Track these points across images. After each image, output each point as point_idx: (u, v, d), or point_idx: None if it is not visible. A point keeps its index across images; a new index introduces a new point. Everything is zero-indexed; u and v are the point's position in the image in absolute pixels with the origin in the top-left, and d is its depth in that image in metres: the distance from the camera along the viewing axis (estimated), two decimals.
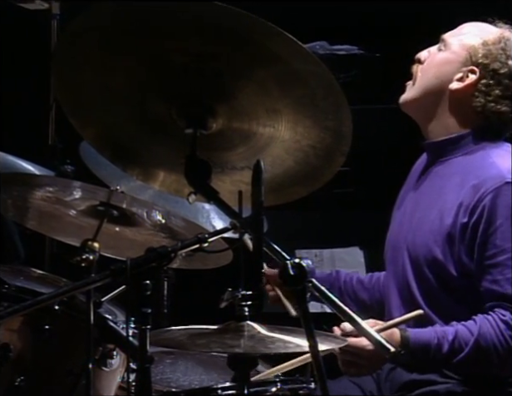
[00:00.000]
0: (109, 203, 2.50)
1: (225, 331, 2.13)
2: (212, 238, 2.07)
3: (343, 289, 2.93)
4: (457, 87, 2.65)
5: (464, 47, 2.66)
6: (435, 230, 2.59)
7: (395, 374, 2.68)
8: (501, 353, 2.49)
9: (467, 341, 2.49)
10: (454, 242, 2.56)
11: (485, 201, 2.53)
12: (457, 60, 2.66)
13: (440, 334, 2.50)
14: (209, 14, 2.01)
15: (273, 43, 2.02)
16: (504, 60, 2.63)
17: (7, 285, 2.76)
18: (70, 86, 2.18)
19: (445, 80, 2.67)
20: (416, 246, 2.64)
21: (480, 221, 2.53)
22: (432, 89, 2.68)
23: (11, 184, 2.63)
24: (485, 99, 2.62)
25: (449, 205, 2.59)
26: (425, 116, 2.71)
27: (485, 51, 2.63)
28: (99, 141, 2.30)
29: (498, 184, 2.53)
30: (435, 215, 2.62)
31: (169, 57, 2.08)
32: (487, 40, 2.65)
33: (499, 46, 2.64)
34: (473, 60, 2.64)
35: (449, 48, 2.69)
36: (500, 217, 2.52)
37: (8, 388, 2.66)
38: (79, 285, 2.02)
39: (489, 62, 2.63)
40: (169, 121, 2.15)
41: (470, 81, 2.64)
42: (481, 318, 2.52)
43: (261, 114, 2.14)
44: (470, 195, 2.55)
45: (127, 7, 2.05)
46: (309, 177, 2.24)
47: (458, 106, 2.66)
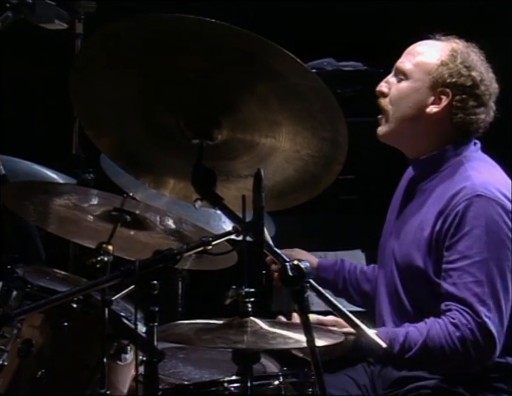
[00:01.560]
0: (122, 209, 2.51)
1: (229, 326, 2.13)
2: (215, 241, 2.07)
3: (347, 278, 2.94)
4: (436, 110, 2.62)
5: (424, 71, 2.62)
6: (417, 240, 2.59)
7: (386, 371, 2.68)
8: (448, 354, 2.47)
9: (416, 342, 2.48)
10: (431, 250, 2.56)
11: (457, 211, 2.52)
12: (423, 86, 2.62)
13: (392, 336, 2.49)
14: (215, 33, 2.01)
15: (274, 60, 2.02)
16: (467, 72, 2.61)
17: (29, 285, 2.78)
18: (85, 101, 2.18)
19: (418, 107, 2.63)
20: (401, 255, 2.65)
21: (450, 227, 2.53)
22: (408, 118, 2.64)
23: (33, 191, 2.64)
24: (464, 113, 2.61)
25: (429, 216, 2.59)
26: (405, 142, 2.69)
27: (448, 70, 2.60)
28: (113, 152, 2.30)
29: (470, 195, 2.52)
30: (417, 225, 2.61)
31: (177, 73, 2.09)
32: (444, 59, 2.61)
33: (457, 61, 2.61)
34: (440, 82, 2.61)
35: (410, 77, 2.64)
36: (468, 225, 2.50)
37: (30, 379, 2.66)
38: (91, 285, 2.04)
39: (455, 80, 2.60)
40: (178, 132, 2.16)
41: (445, 102, 2.61)
42: (432, 320, 2.51)
43: (263, 126, 2.14)
44: (446, 204, 2.55)
45: (138, 27, 2.06)
46: (308, 184, 2.23)
47: (437, 126, 2.64)
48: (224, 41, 2.01)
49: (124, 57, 2.09)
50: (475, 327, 2.47)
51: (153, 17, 2.03)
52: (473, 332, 2.46)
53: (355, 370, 2.74)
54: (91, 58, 2.11)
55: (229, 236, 2.11)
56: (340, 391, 2.66)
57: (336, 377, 2.71)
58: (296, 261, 2.00)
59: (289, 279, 2.00)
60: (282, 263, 2.02)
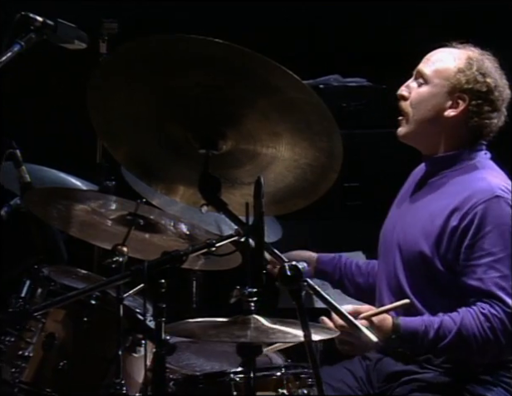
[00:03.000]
0: (136, 213, 2.52)
1: (234, 323, 2.14)
2: (218, 243, 2.08)
3: (343, 271, 2.94)
4: (454, 114, 2.62)
5: (443, 77, 2.63)
6: (426, 230, 2.58)
7: (381, 365, 2.67)
8: (480, 342, 2.47)
9: (450, 329, 2.47)
10: (442, 242, 2.55)
11: (477, 210, 2.52)
12: (442, 91, 2.63)
13: (427, 323, 2.49)
14: (220, 52, 2.02)
15: (273, 76, 2.03)
16: (482, 79, 2.61)
17: (53, 283, 2.80)
18: (102, 115, 2.20)
19: (437, 110, 2.64)
20: (407, 243, 2.63)
21: (470, 226, 2.52)
22: (427, 120, 2.65)
23: (56, 197, 2.66)
24: (479, 117, 2.62)
25: (440, 209, 2.58)
26: (422, 142, 2.69)
27: (465, 77, 2.61)
28: (128, 161, 2.32)
29: (489, 196, 2.53)
30: (427, 217, 2.60)
31: (185, 90, 2.09)
32: (461, 67, 2.63)
33: (473, 69, 2.62)
34: (458, 88, 2.61)
35: (430, 82, 2.65)
36: (489, 225, 2.50)
37: (53, 369, 2.69)
38: (104, 283, 2.05)
39: (472, 86, 2.61)
40: (186, 143, 2.17)
41: (462, 106, 2.62)
42: (464, 310, 2.50)
43: (264, 137, 2.14)
44: (463, 203, 2.54)
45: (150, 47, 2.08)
46: (307, 191, 2.23)
47: (453, 128, 2.64)
48: (228, 59, 2.02)
49: (137, 75, 2.10)
50: (504, 317, 2.47)
51: (163, 38, 2.05)
52: (503, 322, 2.47)
53: (351, 363, 2.73)
54: (107, 76, 2.13)
55: (232, 239, 2.12)
56: (337, 382, 2.65)
57: (334, 369, 2.71)
58: (294, 262, 2.01)
59: (288, 279, 2.00)
60: (281, 263, 2.03)
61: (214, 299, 3.67)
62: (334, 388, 2.61)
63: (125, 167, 2.43)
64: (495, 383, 2.55)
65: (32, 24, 2.34)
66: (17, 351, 2.73)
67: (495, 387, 2.55)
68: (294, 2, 4.53)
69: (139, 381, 2.70)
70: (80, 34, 2.44)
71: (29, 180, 2.85)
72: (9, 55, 2.28)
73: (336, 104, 4.08)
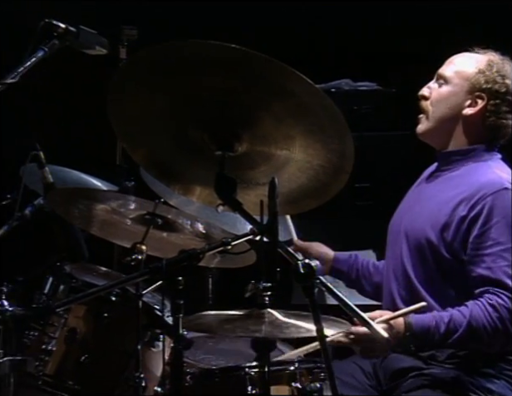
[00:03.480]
0: (154, 213, 2.52)
1: (249, 317, 2.14)
2: (234, 242, 2.08)
3: (360, 271, 2.93)
4: (471, 113, 2.63)
5: (463, 78, 2.65)
6: (433, 219, 2.58)
7: (387, 363, 2.66)
8: (490, 333, 2.46)
9: (461, 323, 2.47)
10: (449, 230, 2.54)
11: (486, 201, 2.51)
12: (462, 90, 2.64)
13: (438, 318, 2.48)
14: (236, 58, 2.02)
15: (287, 81, 2.03)
16: (501, 80, 2.62)
17: (75, 280, 2.81)
18: (122, 118, 2.20)
19: (456, 108, 2.65)
20: (415, 231, 2.62)
21: (479, 216, 2.51)
22: (447, 118, 2.66)
23: (77, 197, 2.66)
24: (496, 116, 2.62)
25: (448, 199, 2.58)
26: (441, 138, 2.70)
27: (484, 77, 2.62)
28: (146, 162, 2.32)
29: (498, 188, 2.53)
30: (434, 206, 2.60)
31: (201, 93, 2.09)
32: (481, 68, 2.64)
33: (493, 70, 2.63)
34: (477, 87, 2.62)
35: (450, 82, 2.66)
36: (498, 215, 2.50)
37: (75, 363, 2.70)
38: (123, 280, 2.05)
39: (491, 86, 2.62)
40: (203, 145, 2.16)
41: (481, 105, 2.62)
42: (472, 303, 2.49)
43: (278, 139, 2.14)
44: (471, 194, 2.54)
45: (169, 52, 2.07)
46: (319, 191, 2.23)
47: (471, 126, 2.65)
48: (245, 64, 2.02)
49: (156, 79, 2.10)
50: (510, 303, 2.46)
51: (182, 43, 2.04)
52: (510, 311, 2.46)
53: (361, 358, 2.71)
54: (126, 81, 2.13)
55: (247, 237, 2.12)
56: (347, 376, 2.66)
57: (344, 363, 2.71)
58: (307, 260, 2.00)
59: (301, 276, 1.99)
60: (294, 261, 2.02)
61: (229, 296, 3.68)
62: (344, 382, 2.61)
63: (143, 168, 2.43)
64: (498, 376, 2.55)
65: (55, 31, 2.35)
66: (40, 345, 2.74)
67: (498, 379, 2.55)
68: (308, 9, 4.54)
69: (157, 374, 2.70)
70: (101, 40, 2.45)
71: (52, 181, 2.86)
72: (33, 60, 2.29)
73: (347, 107, 4.07)
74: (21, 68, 2.25)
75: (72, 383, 2.70)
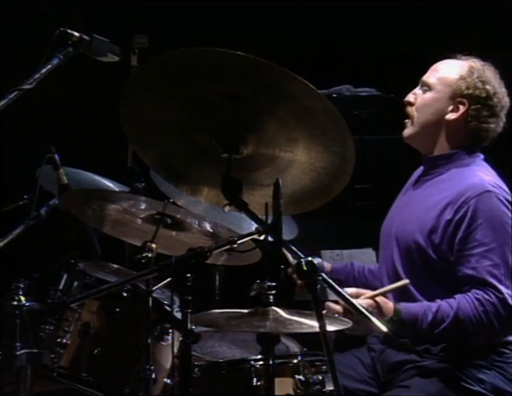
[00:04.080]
0: (164, 212, 2.51)
1: (254, 314, 2.13)
2: (240, 240, 2.07)
3: (357, 277, 2.92)
4: (454, 117, 2.63)
5: (446, 84, 2.64)
6: (420, 222, 2.58)
7: (384, 356, 2.66)
8: (475, 325, 2.46)
9: (448, 314, 2.46)
10: (436, 233, 2.54)
11: (470, 204, 2.51)
12: (444, 96, 2.64)
13: (426, 307, 2.48)
14: (242, 64, 2.01)
15: (291, 86, 2.02)
16: (482, 86, 2.61)
17: (88, 276, 2.80)
18: (133, 122, 2.19)
19: (439, 114, 2.64)
20: (404, 234, 2.63)
21: (463, 219, 2.51)
22: (430, 123, 2.65)
23: (91, 198, 2.66)
24: (478, 121, 2.61)
25: (435, 203, 2.57)
26: (426, 143, 2.69)
27: (465, 83, 2.61)
28: (156, 164, 2.32)
29: (480, 191, 2.52)
30: (422, 210, 2.60)
31: (209, 98, 2.09)
32: (463, 74, 2.63)
33: (473, 76, 2.62)
34: (458, 93, 2.62)
35: (433, 88, 2.66)
36: (481, 217, 2.50)
37: (88, 356, 2.70)
38: (134, 277, 2.04)
39: (471, 92, 2.61)
40: (210, 147, 2.16)
41: (462, 110, 2.62)
42: (460, 296, 2.49)
43: (282, 142, 2.13)
44: (456, 197, 2.54)
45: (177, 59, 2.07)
46: (321, 192, 2.22)
47: (454, 131, 2.64)
48: (250, 71, 2.01)
49: (165, 85, 2.09)
50: (497, 302, 2.46)
51: (189, 51, 2.04)
52: (495, 306, 2.46)
53: (360, 351, 2.73)
54: (137, 87, 2.13)
55: (252, 236, 2.11)
56: (348, 369, 2.66)
57: (344, 356, 2.71)
58: (310, 257, 2.00)
59: (304, 273, 1.99)
60: (298, 259, 2.01)
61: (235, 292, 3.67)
62: (345, 373, 2.61)
63: (153, 170, 2.42)
64: (489, 367, 2.55)
65: (69, 39, 2.35)
66: (55, 339, 2.74)
67: (489, 370, 2.54)
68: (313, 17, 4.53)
69: (167, 367, 2.70)
70: (113, 48, 2.44)
71: (66, 182, 2.85)
72: (49, 67, 2.28)
73: (348, 112, 4.04)
74: (37, 75, 2.25)
75: (86, 375, 2.70)
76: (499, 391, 2.54)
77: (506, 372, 2.56)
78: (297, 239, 3.39)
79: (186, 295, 1.97)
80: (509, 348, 2.59)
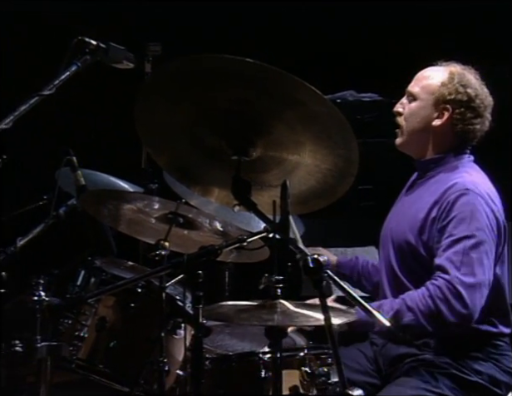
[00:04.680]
0: (176, 212, 2.51)
1: (263, 307, 2.12)
2: (249, 239, 2.06)
3: (361, 272, 2.92)
4: (440, 123, 2.62)
5: (428, 92, 2.63)
6: (411, 223, 2.58)
7: (386, 350, 2.66)
8: (423, 311, 2.44)
9: (399, 303, 2.47)
10: (424, 232, 2.54)
11: (448, 201, 2.52)
12: (428, 104, 2.63)
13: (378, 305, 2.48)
14: (251, 70, 2.01)
15: (298, 91, 2.01)
16: (463, 90, 2.60)
17: (104, 273, 2.80)
18: (147, 126, 2.19)
19: (426, 121, 2.64)
20: (397, 234, 2.64)
21: (442, 213, 2.52)
22: (418, 130, 2.65)
23: (107, 198, 2.66)
24: (463, 124, 2.61)
25: (423, 204, 2.58)
26: (416, 149, 2.70)
27: (447, 89, 2.61)
28: (169, 166, 2.31)
29: (459, 189, 2.53)
30: (413, 212, 2.61)
31: (219, 103, 2.08)
32: (444, 81, 2.62)
33: (454, 81, 2.61)
34: (441, 100, 2.61)
35: (418, 97, 2.65)
36: (454, 212, 2.50)
37: (105, 348, 2.70)
38: (148, 274, 2.04)
39: (454, 97, 2.60)
40: (220, 150, 2.15)
41: (447, 115, 2.61)
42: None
43: (289, 145, 2.12)
44: (441, 195, 2.55)
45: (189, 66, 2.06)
46: (327, 193, 2.21)
47: (441, 135, 2.64)
48: (259, 77, 2.01)
49: (178, 91, 2.09)
50: (443, 285, 2.45)
51: (200, 58, 2.04)
52: (441, 290, 2.45)
53: (363, 345, 2.73)
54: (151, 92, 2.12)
55: (261, 235, 2.10)
56: (352, 362, 2.66)
57: (348, 350, 2.71)
58: (316, 255, 1.99)
59: (310, 270, 1.98)
60: (304, 256, 2.01)
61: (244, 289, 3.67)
62: (349, 366, 2.60)
63: (166, 172, 2.41)
64: (485, 359, 2.54)
65: (87, 47, 2.35)
66: (73, 332, 2.74)
67: (485, 362, 2.54)
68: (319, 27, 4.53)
69: (179, 359, 2.70)
70: (128, 55, 2.44)
71: (84, 184, 2.86)
72: (67, 74, 2.29)
73: (351, 116, 4.01)
74: (56, 81, 2.25)
75: (102, 367, 2.70)
76: (495, 381, 2.53)
77: (501, 363, 2.55)
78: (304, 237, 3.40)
79: (198, 291, 1.96)
80: (504, 341, 2.58)
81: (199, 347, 1.99)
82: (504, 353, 2.57)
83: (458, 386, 2.51)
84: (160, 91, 2.10)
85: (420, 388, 2.48)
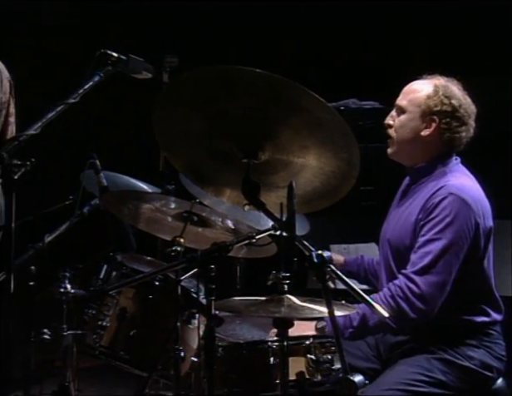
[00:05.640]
0: (191, 211, 2.50)
1: (270, 301, 2.11)
2: (258, 236, 2.06)
3: (367, 269, 2.90)
4: (428, 133, 2.60)
5: (415, 105, 2.61)
6: (405, 226, 2.57)
7: (386, 338, 2.65)
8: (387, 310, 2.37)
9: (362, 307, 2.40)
10: (415, 234, 2.53)
11: (433, 201, 2.50)
12: (416, 116, 2.60)
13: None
14: (260, 80, 2.00)
15: (303, 99, 2.01)
16: (448, 101, 2.58)
17: (125, 267, 2.80)
18: (164, 131, 2.19)
19: (415, 132, 2.61)
20: (394, 238, 2.62)
21: (424, 214, 2.51)
22: (408, 141, 2.62)
23: (127, 198, 2.66)
24: (450, 132, 2.59)
25: (415, 208, 2.57)
26: (407, 157, 2.68)
27: (433, 101, 2.59)
28: (184, 168, 2.31)
29: (445, 192, 2.51)
30: (407, 215, 2.59)
31: (230, 110, 2.08)
32: (429, 94, 2.60)
33: (439, 94, 2.59)
34: (427, 111, 2.59)
35: (406, 111, 2.63)
36: (435, 212, 2.48)
37: (125, 337, 2.71)
38: (165, 268, 2.04)
39: (439, 108, 2.58)
40: (231, 154, 2.14)
41: (434, 125, 2.59)
42: None
43: (295, 149, 2.12)
44: (428, 199, 2.53)
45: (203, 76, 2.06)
46: (330, 193, 2.20)
47: (430, 144, 2.62)
48: (268, 85, 2.00)
49: (192, 99, 2.09)
50: (403, 284, 2.44)
51: (215, 68, 2.03)
52: (402, 289, 2.44)
53: None
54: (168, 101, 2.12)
55: (269, 232, 2.09)
56: (354, 349, 2.64)
57: None
58: (320, 251, 1.98)
59: (314, 265, 1.97)
60: (309, 252, 2.00)
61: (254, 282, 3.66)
62: (351, 353, 2.59)
63: (182, 174, 2.41)
64: (478, 346, 2.53)
65: (109, 59, 2.35)
66: (97, 321, 2.75)
67: (478, 348, 2.52)
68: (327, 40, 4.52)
69: (194, 347, 2.69)
70: (147, 66, 2.44)
71: (106, 185, 2.86)
72: (91, 84, 2.29)
73: (353, 122, 4.01)
74: (80, 90, 2.25)
75: (123, 353, 2.70)
76: (487, 366, 2.52)
77: (493, 350, 2.54)
78: (309, 234, 3.39)
79: (210, 284, 1.96)
80: (496, 330, 2.57)
81: (211, 335, 1.99)
82: (496, 341, 2.56)
83: (450, 370, 2.50)
84: (176, 100, 2.10)
85: (416, 372, 2.47)
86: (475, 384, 2.52)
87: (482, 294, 2.56)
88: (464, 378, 2.50)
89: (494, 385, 2.56)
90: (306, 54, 4.58)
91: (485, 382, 2.54)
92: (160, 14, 4.72)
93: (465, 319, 2.54)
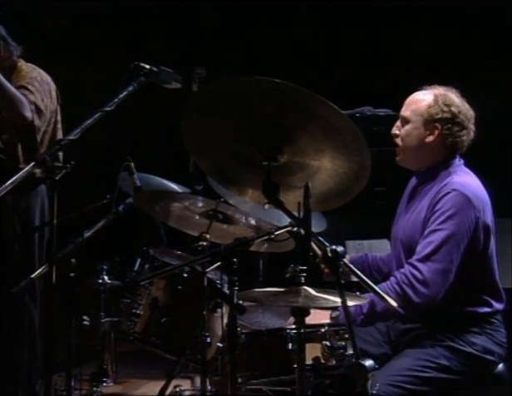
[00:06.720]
0: (216, 209, 2.52)
1: (289, 292, 2.12)
2: (277, 232, 2.07)
3: (371, 265, 2.89)
4: (432, 139, 2.60)
5: (418, 115, 2.62)
6: (416, 224, 2.57)
7: (396, 325, 2.65)
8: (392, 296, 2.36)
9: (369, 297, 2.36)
10: (425, 229, 2.52)
11: (438, 197, 2.51)
12: (419, 125, 2.61)
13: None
14: (280, 89, 2.02)
15: (319, 107, 2.02)
16: (447, 109, 2.59)
17: (157, 260, 2.83)
18: (192, 136, 2.21)
19: (419, 139, 2.61)
20: (406, 237, 2.61)
21: (431, 208, 2.51)
22: (414, 148, 2.63)
23: (159, 198, 2.68)
24: (452, 137, 2.59)
25: (423, 208, 2.57)
26: (414, 163, 2.69)
27: (434, 110, 2.59)
28: (210, 170, 2.32)
29: (447, 191, 2.51)
30: (416, 215, 2.59)
31: (253, 117, 2.09)
32: (430, 103, 2.60)
33: (439, 103, 2.59)
34: (430, 120, 2.59)
35: (410, 120, 2.64)
36: (439, 206, 2.49)
37: (157, 324, 2.74)
38: (191, 261, 2.05)
39: (440, 116, 2.58)
40: (253, 157, 2.15)
41: (437, 132, 2.60)
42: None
43: (311, 152, 2.13)
44: (434, 196, 2.53)
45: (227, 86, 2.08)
46: (344, 193, 2.20)
47: (434, 149, 2.62)
48: (287, 94, 2.02)
49: (218, 107, 2.11)
50: (408, 272, 2.44)
51: (239, 79, 2.05)
52: (406, 276, 2.44)
53: None
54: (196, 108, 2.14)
55: (287, 229, 2.10)
56: (366, 335, 2.64)
57: None
58: (334, 246, 1.99)
59: (328, 259, 1.98)
60: (323, 247, 2.00)
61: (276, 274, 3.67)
62: (363, 339, 2.59)
63: (208, 175, 2.43)
64: (480, 333, 2.52)
65: (141, 70, 2.38)
66: (131, 310, 2.78)
67: (481, 335, 2.52)
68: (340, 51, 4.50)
69: (219, 333, 2.71)
70: (177, 77, 2.47)
71: (139, 185, 2.88)
72: (125, 93, 2.32)
73: (368, 128, 4.03)
74: (116, 99, 2.28)
75: (155, 339, 2.73)
76: (489, 351, 2.51)
77: (495, 337, 2.53)
78: (326, 231, 3.39)
79: (233, 276, 1.98)
80: (497, 319, 2.56)
81: (234, 323, 2.00)
82: (498, 328, 2.55)
83: (455, 356, 2.49)
84: (204, 108, 2.12)
85: (423, 359, 2.47)
86: (478, 368, 2.52)
87: (485, 287, 2.55)
88: (467, 363, 2.50)
89: (496, 370, 2.55)
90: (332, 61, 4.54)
91: (487, 366, 2.53)
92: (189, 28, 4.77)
93: (468, 310, 2.53)
